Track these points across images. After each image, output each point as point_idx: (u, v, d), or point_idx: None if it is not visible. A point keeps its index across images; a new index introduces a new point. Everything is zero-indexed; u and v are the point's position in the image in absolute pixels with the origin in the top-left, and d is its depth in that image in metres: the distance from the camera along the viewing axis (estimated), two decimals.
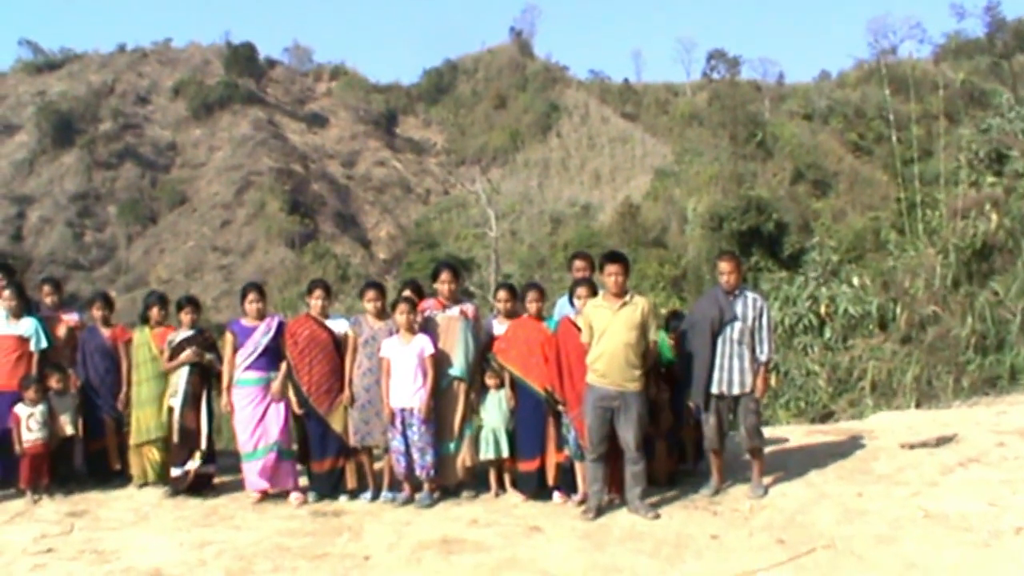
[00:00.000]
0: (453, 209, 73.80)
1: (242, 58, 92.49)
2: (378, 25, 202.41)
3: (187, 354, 9.58)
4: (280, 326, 9.62)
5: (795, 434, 11.29)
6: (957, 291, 16.72)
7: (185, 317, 9.81)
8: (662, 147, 79.35)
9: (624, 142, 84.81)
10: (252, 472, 9.40)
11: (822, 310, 18.16)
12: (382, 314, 9.33)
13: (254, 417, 9.38)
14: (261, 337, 9.46)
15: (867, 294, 18.16)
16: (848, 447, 10.18)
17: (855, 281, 18.79)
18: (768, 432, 10.32)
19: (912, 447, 9.87)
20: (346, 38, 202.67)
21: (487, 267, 44.37)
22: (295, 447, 9.79)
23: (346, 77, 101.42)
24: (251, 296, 9.64)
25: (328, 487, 9.37)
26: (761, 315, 8.70)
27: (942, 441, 9.99)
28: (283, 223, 70.76)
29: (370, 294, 9.43)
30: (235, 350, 9.47)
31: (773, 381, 15.47)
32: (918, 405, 14.56)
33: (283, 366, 9.44)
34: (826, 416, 15.86)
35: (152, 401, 9.74)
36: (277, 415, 9.45)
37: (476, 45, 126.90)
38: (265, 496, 9.38)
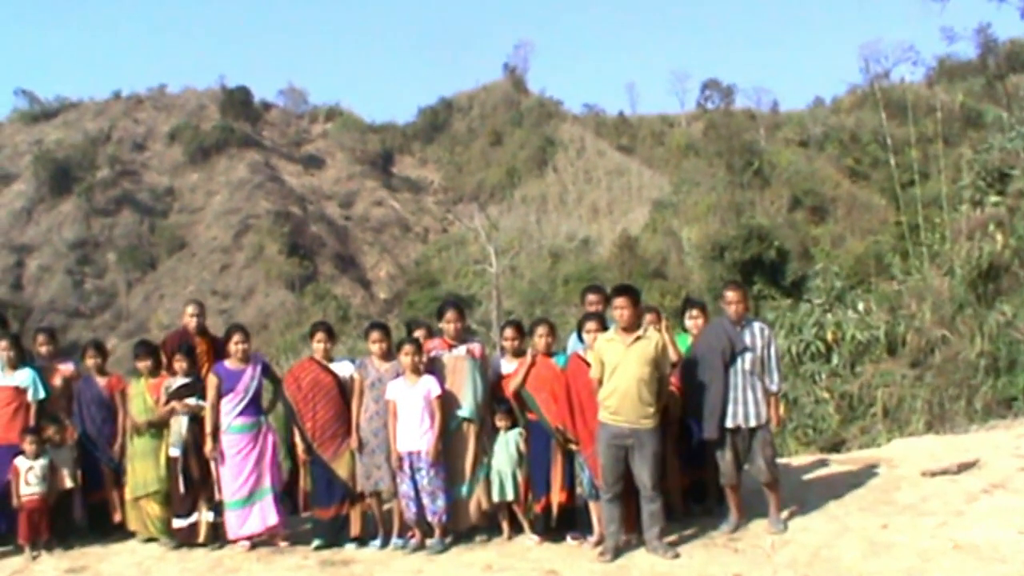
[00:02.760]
0: (452, 247, 73.86)
1: (237, 102, 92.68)
2: (372, 65, 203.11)
3: (176, 405, 9.33)
4: (265, 367, 9.50)
5: (810, 464, 11.07)
6: (965, 313, 16.52)
7: (178, 365, 9.56)
8: (659, 178, 79.35)
9: (621, 175, 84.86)
10: (238, 520, 9.18)
11: (828, 336, 17.93)
12: (388, 355, 9.10)
13: (246, 463, 9.19)
14: (251, 382, 9.28)
15: (873, 319, 17.96)
16: (867, 477, 9.95)
17: (860, 306, 18.57)
18: (781, 463, 10.09)
19: (934, 475, 9.64)
20: (341, 79, 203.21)
21: (488, 304, 44.22)
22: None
23: (341, 118, 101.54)
24: (237, 337, 9.40)
25: (333, 534, 9.11)
26: (769, 344, 8.51)
27: (964, 467, 9.76)
28: (282, 265, 70.81)
29: (375, 335, 9.22)
30: (220, 394, 9.24)
31: (782, 410, 15.27)
32: (930, 428, 14.35)
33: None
34: (837, 444, 15.63)
35: (149, 453, 9.46)
36: (269, 458, 9.32)
37: (471, 82, 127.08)
38: (253, 545, 9.14)
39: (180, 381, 9.46)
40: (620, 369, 7.99)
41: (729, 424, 8.39)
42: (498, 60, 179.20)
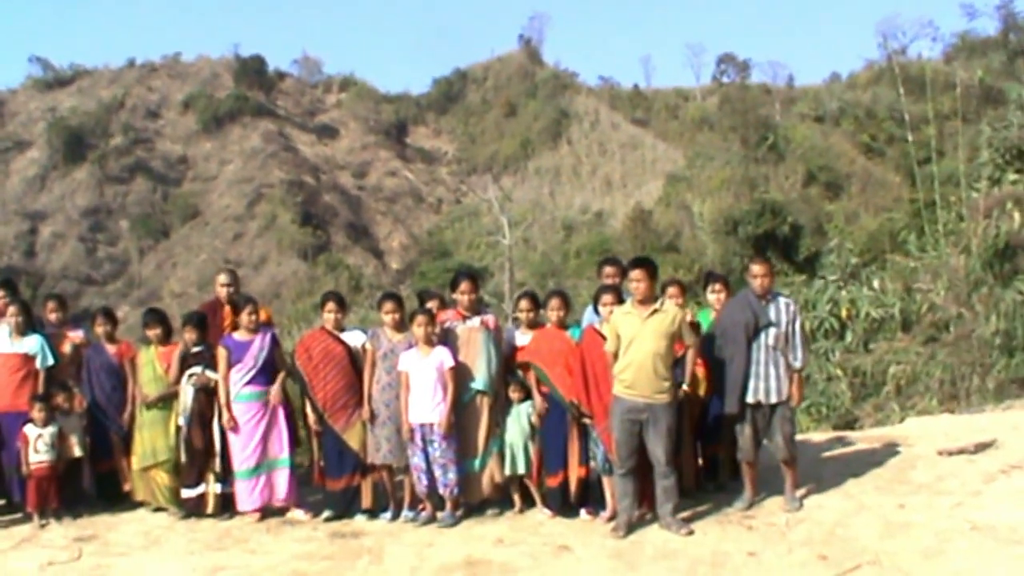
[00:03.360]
0: (465, 218, 73.89)
1: (251, 71, 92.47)
2: (387, 35, 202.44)
3: (196, 378, 9.27)
4: (273, 338, 9.40)
5: (825, 442, 10.98)
6: (980, 291, 16.37)
7: (187, 335, 9.47)
8: (673, 152, 78.95)
9: (635, 148, 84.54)
10: (247, 490, 9.09)
11: (843, 313, 17.81)
12: (401, 326, 8.98)
13: (255, 432, 9.11)
14: (259, 352, 9.18)
15: (888, 296, 17.82)
16: (883, 455, 9.85)
17: (875, 283, 18.43)
18: (797, 440, 9.97)
19: (950, 454, 9.55)
20: (355, 48, 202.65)
21: (501, 275, 44.07)
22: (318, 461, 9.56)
23: (356, 88, 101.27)
24: (249, 308, 9.30)
25: (343, 505, 9.05)
26: (794, 320, 8.36)
27: (981, 447, 9.66)
28: (295, 235, 70.76)
29: (388, 306, 9.08)
30: (229, 365, 9.16)
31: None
32: (941, 405, 14.24)
33: (280, 375, 9.29)
34: (850, 422, 15.50)
35: (158, 423, 9.39)
36: (281, 428, 9.23)
37: (485, 53, 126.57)
38: (264, 514, 9.08)
39: (193, 350, 9.38)
40: (636, 342, 7.87)
41: (750, 399, 8.28)
42: (513, 31, 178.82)
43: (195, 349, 9.35)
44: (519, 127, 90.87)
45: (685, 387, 8.20)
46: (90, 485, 9.77)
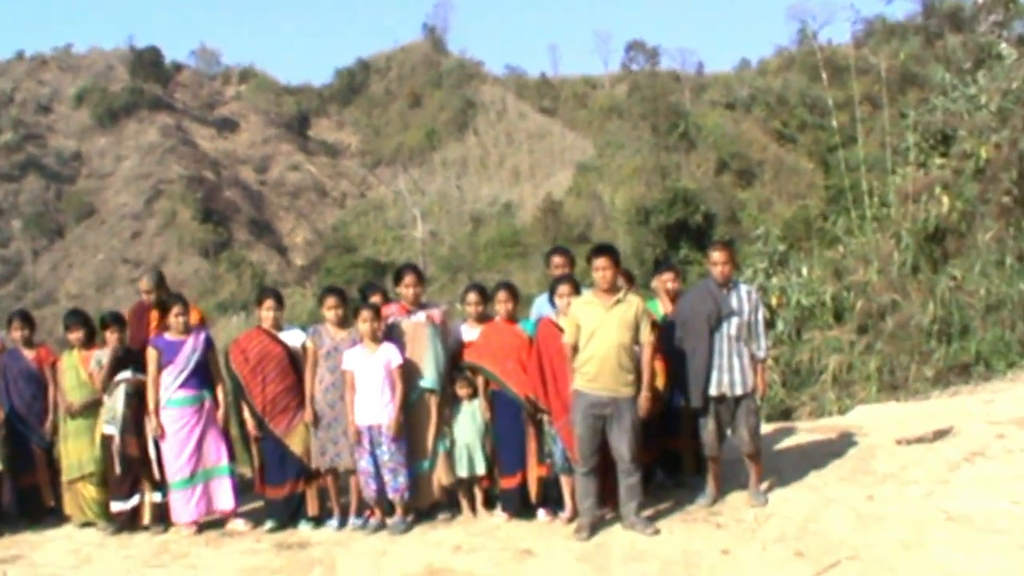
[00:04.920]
0: (371, 212, 73.31)
1: (147, 63, 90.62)
2: (287, 24, 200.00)
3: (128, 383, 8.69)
4: (208, 340, 8.84)
5: (777, 432, 10.72)
6: (915, 277, 16.29)
7: (110, 336, 8.89)
8: (582, 141, 78.80)
9: (543, 137, 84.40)
10: (183, 501, 8.54)
11: (773, 302, 17.60)
12: (344, 323, 8.48)
13: (189, 439, 8.55)
14: (191, 354, 8.62)
15: (817, 283, 17.68)
16: (841, 445, 9.56)
17: (804, 270, 18.28)
18: None
19: (909, 443, 9.31)
20: (254, 39, 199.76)
21: None
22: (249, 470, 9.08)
23: (256, 79, 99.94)
24: (176, 309, 8.73)
25: (287, 514, 8.53)
26: (756, 308, 8.04)
27: (939, 435, 9.43)
28: (196, 232, 69.68)
29: (330, 301, 8.57)
30: (159, 367, 8.58)
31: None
32: (880, 394, 14.10)
33: (219, 385, 8.78)
34: (785, 412, 15.32)
35: (84, 432, 8.83)
36: (218, 434, 8.70)
37: (388, 42, 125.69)
38: (200, 526, 8.55)
39: (110, 353, 8.81)
40: (599, 333, 7.47)
41: (713, 392, 7.89)
42: (417, 19, 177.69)
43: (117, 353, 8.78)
44: (424, 118, 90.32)
45: (646, 394, 7.71)
46: (11, 502, 9.14)
